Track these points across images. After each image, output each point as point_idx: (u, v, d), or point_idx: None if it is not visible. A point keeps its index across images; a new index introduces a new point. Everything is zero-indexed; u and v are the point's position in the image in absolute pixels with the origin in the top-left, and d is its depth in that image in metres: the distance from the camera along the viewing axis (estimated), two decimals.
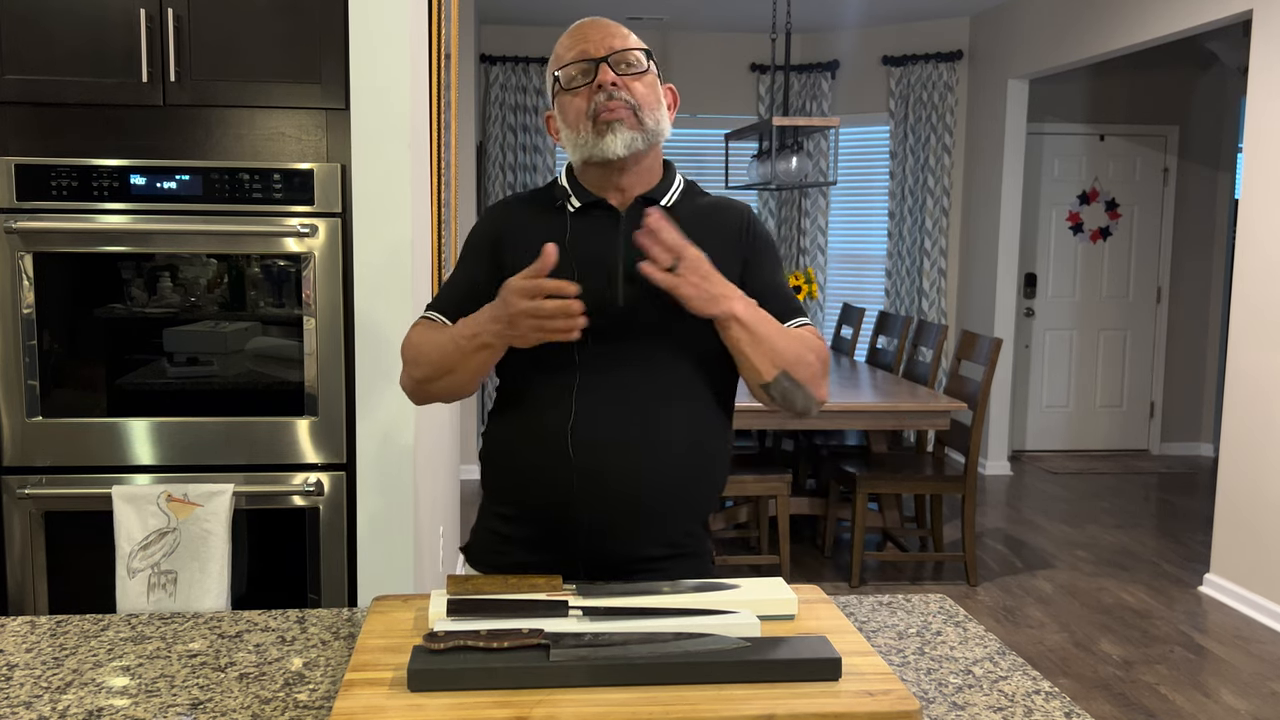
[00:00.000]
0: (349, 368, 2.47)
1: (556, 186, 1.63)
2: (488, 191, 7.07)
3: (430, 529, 2.92)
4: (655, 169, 1.61)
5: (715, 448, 1.58)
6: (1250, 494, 4.26)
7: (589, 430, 1.49)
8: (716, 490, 1.62)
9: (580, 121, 1.54)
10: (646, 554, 1.54)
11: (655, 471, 1.50)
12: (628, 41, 1.56)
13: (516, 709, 1.07)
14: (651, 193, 1.59)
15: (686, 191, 1.64)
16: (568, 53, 1.56)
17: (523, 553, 1.56)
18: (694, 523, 1.59)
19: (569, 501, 1.50)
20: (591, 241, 1.55)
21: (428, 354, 1.54)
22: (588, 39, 1.55)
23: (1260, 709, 3.37)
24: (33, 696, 1.23)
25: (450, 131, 3.46)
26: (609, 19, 1.60)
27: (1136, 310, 7.07)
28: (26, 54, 2.38)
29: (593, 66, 1.53)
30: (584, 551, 1.52)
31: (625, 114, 1.52)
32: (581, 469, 1.49)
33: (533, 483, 1.53)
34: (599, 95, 1.52)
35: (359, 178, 2.39)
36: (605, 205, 1.58)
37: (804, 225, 7.22)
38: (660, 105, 1.58)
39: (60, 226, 2.38)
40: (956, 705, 1.24)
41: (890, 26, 6.97)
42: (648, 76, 1.57)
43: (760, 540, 4.72)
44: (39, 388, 2.43)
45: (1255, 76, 4.28)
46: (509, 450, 1.57)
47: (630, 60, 1.55)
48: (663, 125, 1.57)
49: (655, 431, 1.50)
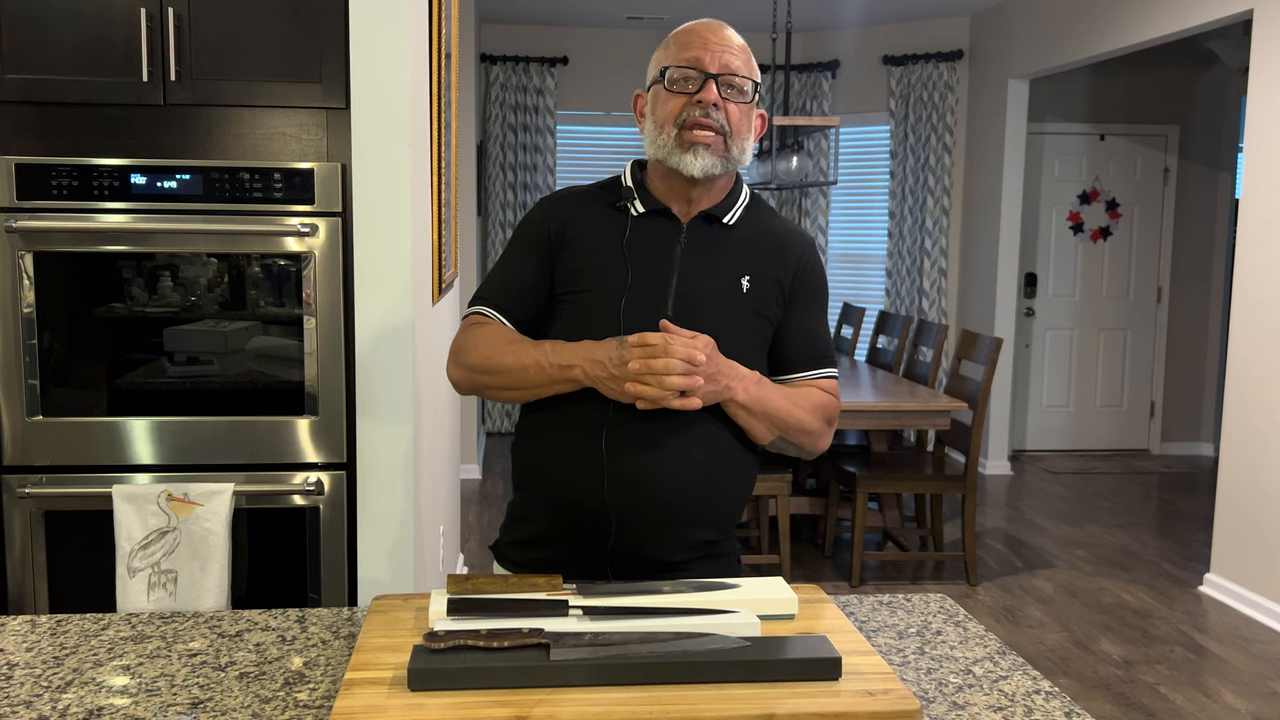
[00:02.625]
0: (349, 367, 2.47)
1: (621, 186, 1.61)
2: (488, 191, 7.07)
3: (430, 529, 2.93)
4: (725, 185, 1.61)
5: (743, 455, 1.60)
6: (1250, 494, 4.26)
7: (623, 431, 1.50)
8: (744, 495, 1.63)
9: (668, 124, 1.53)
10: (673, 557, 1.55)
11: (684, 476, 1.51)
12: (742, 66, 1.54)
13: (516, 708, 1.07)
14: (716, 208, 1.59)
15: (751, 209, 1.63)
16: (684, 50, 1.54)
17: (553, 551, 1.57)
18: (721, 526, 1.60)
19: (600, 501, 1.50)
20: (650, 248, 1.55)
21: (505, 365, 1.53)
22: (707, 46, 1.53)
23: (1260, 709, 3.37)
24: (33, 696, 1.23)
25: (450, 131, 3.46)
26: (735, 32, 1.58)
27: (1137, 310, 7.07)
28: (27, 53, 2.38)
29: (701, 77, 1.51)
30: (613, 551, 1.53)
31: (714, 139, 1.51)
32: (613, 469, 1.50)
33: (565, 480, 1.53)
34: (695, 110, 1.50)
35: (359, 177, 2.39)
36: (669, 214, 1.57)
37: (804, 225, 7.22)
38: (749, 135, 1.57)
39: (60, 226, 2.38)
40: (957, 705, 1.24)
41: (891, 26, 6.97)
42: (749, 106, 1.56)
43: (760, 540, 4.72)
44: (39, 387, 2.43)
45: (1256, 76, 4.27)
46: (543, 448, 1.57)
47: (739, 85, 1.53)
48: (746, 155, 1.57)
49: (688, 437, 1.51)
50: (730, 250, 1.58)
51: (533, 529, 1.61)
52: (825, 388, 1.62)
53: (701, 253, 1.57)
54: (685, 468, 1.52)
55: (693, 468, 1.52)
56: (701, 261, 1.56)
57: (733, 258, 1.58)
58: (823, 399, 1.61)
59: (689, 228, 1.57)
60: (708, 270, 1.56)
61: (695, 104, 1.50)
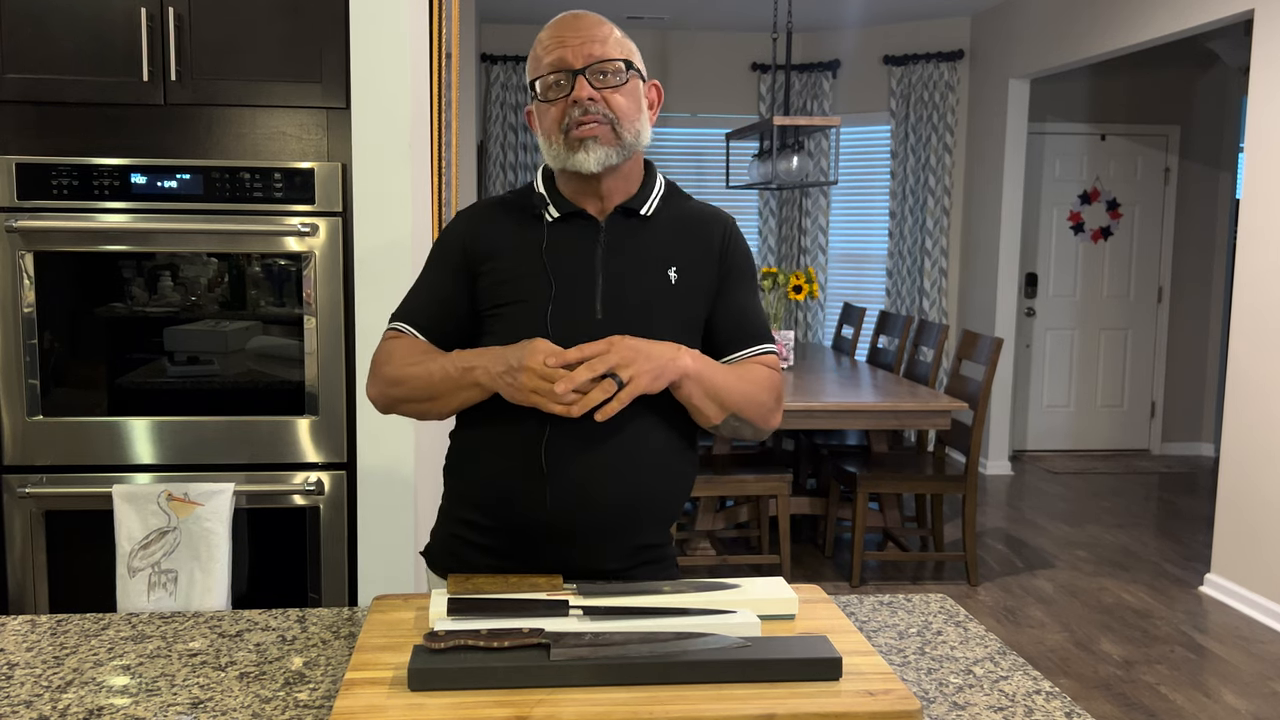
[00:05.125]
0: (349, 367, 2.47)
1: (534, 193, 1.57)
2: (488, 191, 7.07)
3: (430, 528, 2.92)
4: (634, 175, 1.56)
5: (683, 457, 1.57)
6: (1251, 494, 4.26)
7: (563, 442, 1.46)
8: (683, 499, 1.60)
9: (554, 133, 1.49)
10: (610, 565, 1.52)
11: (626, 482, 1.49)
12: (607, 48, 1.48)
13: (517, 708, 1.07)
14: (630, 201, 1.55)
15: (667, 197, 1.60)
16: (546, 55, 1.49)
17: (487, 558, 1.54)
18: (658, 534, 1.57)
19: (541, 512, 1.47)
20: (570, 252, 1.52)
21: (413, 376, 1.50)
22: (565, 43, 1.48)
23: (1261, 709, 3.37)
24: (33, 695, 1.23)
25: (451, 131, 3.46)
26: (593, 14, 1.52)
27: (1137, 310, 7.06)
28: (27, 53, 2.38)
29: (569, 78, 1.47)
30: (550, 559, 1.50)
31: (601, 130, 1.47)
32: (555, 480, 1.46)
33: (502, 488, 1.50)
34: (574, 110, 1.46)
35: (360, 177, 2.39)
36: (584, 215, 1.53)
37: (805, 225, 7.22)
38: (641, 114, 1.52)
39: (61, 225, 2.38)
40: (957, 705, 1.24)
41: (891, 26, 6.97)
42: (629, 85, 1.50)
43: (761, 540, 4.72)
44: (39, 387, 2.43)
45: (1256, 76, 4.27)
46: (479, 458, 1.54)
47: (609, 70, 1.48)
48: (642, 136, 1.52)
49: (627, 442, 1.48)
50: (652, 242, 1.54)
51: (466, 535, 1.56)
52: (767, 363, 1.59)
53: (623, 249, 1.53)
54: (628, 471, 1.48)
55: (637, 470, 1.49)
56: (624, 258, 1.52)
57: (656, 249, 1.54)
58: (767, 374, 1.57)
59: (607, 225, 1.53)
60: (632, 266, 1.52)
61: (573, 105, 1.46)
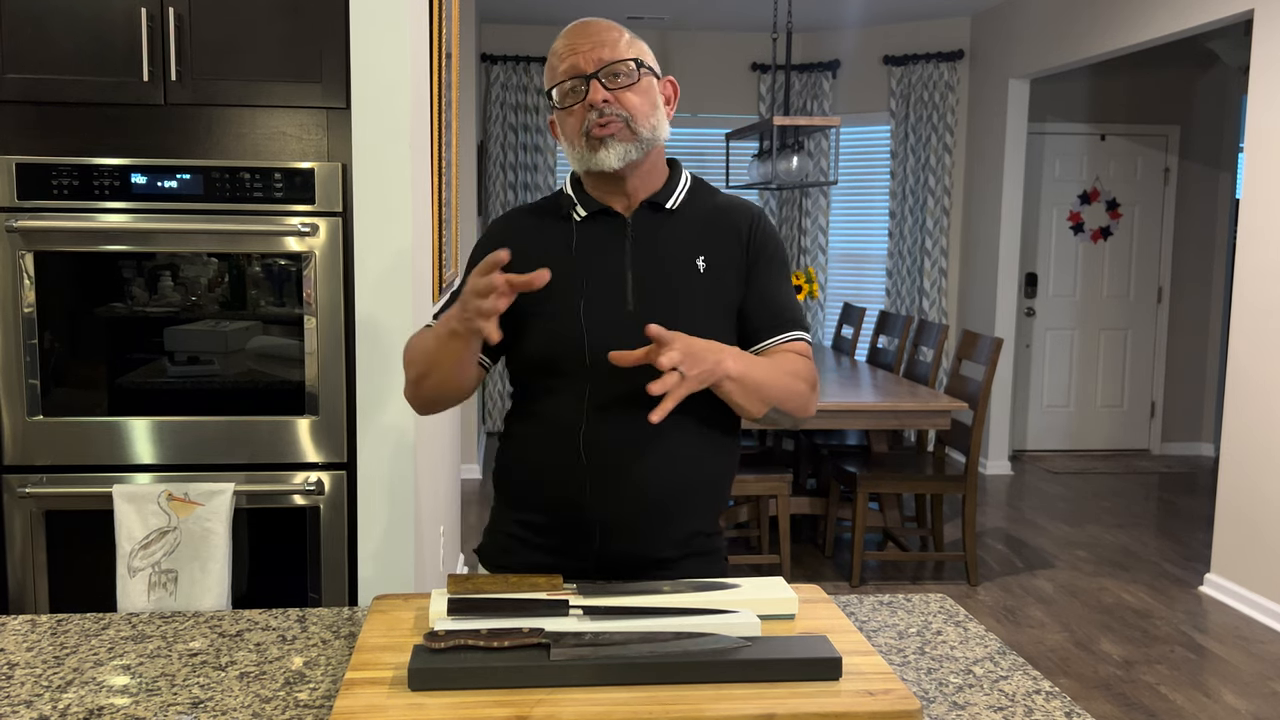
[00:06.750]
0: (349, 367, 2.47)
1: (562, 195, 1.62)
2: (488, 191, 7.07)
3: (431, 528, 2.92)
4: (658, 170, 1.60)
5: (723, 448, 1.60)
6: (1251, 494, 4.26)
7: (600, 432, 1.50)
8: (725, 490, 1.63)
9: (575, 137, 1.54)
10: (658, 555, 1.55)
11: (664, 473, 1.52)
12: (617, 50, 1.53)
13: (517, 708, 1.07)
14: (656, 196, 1.59)
15: (694, 191, 1.63)
16: (560, 64, 1.54)
17: (537, 554, 1.57)
18: (704, 523, 1.60)
19: (581, 503, 1.51)
20: (599, 249, 1.56)
21: (417, 352, 1.56)
22: (577, 50, 1.53)
23: (1261, 709, 3.37)
24: (33, 695, 1.23)
25: (451, 131, 3.46)
26: (602, 20, 1.57)
27: (1137, 310, 7.07)
28: (27, 53, 2.38)
29: (583, 83, 1.52)
30: (597, 553, 1.53)
31: (618, 128, 1.51)
32: (593, 470, 1.50)
33: (546, 484, 1.55)
34: (591, 114, 1.51)
35: (360, 177, 2.39)
36: (611, 212, 1.58)
37: (805, 225, 7.22)
38: (657, 110, 1.56)
39: (61, 225, 2.38)
40: (957, 705, 1.24)
41: (891, 26, 6.97)
42: (641, 83, 1.54)
43: (761, 540, 4.71)
44: (40, 387, 2.43)
45: (1256, 76, 4.27)
46: (523, 454, 1.59)
47: (621, 71, 1.53)
48: (660, 130, 1.56)
49: (664, 433, 1.50)
50: (679, 233, 1.58)
51: (517, 533, 1.60)
52: (799, 351, 1.61)
53: (651, 242, 1.56)
54: (668, 460, 1.52)
55: (676, 459, 1.52)
56: (652, 250, 1.56)
57: (683, 241, 1.58)
58: (801, 362, 1.59)
59: (634, 220, 1.57)
60: (660, 258, 1.56)
61: (589, 109, 1.51)
